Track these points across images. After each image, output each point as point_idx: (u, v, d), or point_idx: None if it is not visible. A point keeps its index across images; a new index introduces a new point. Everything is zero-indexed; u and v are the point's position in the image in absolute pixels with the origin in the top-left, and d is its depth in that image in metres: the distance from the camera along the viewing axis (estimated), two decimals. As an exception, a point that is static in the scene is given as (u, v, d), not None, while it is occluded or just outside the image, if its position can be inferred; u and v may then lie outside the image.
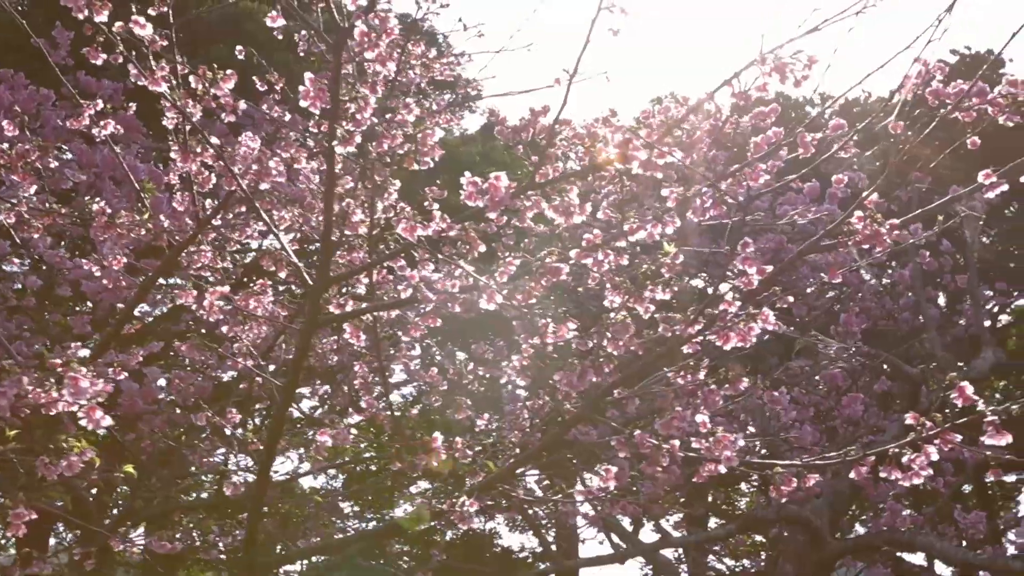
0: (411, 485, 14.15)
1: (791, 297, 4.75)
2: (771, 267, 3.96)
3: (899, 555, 9.98)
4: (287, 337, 6.23)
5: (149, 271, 6.02)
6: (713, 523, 14.51)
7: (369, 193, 4.54)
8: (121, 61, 4.19)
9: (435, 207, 5.06)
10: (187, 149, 4.41)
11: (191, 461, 5.95)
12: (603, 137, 3.76)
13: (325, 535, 7.67)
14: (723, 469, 3.96)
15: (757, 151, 5.44)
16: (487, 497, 5.06)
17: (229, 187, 4.68)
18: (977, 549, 8.92)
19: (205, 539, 6.04)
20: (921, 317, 10.41)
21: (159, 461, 7.14)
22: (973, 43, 14.82)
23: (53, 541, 11.78)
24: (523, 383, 9.14)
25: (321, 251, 4.25)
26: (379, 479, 10.31)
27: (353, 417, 6.84)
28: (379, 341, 4.71)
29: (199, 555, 5.86)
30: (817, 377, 9.64)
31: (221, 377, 7.44)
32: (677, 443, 3.95)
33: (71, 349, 5.50)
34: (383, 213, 5.08)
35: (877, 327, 10.75)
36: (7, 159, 4.73)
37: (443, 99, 6.45)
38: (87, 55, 4.33)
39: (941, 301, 12.54)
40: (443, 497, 5.19)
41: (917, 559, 10.70)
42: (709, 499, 14.41)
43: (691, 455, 3.99)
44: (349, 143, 3.98)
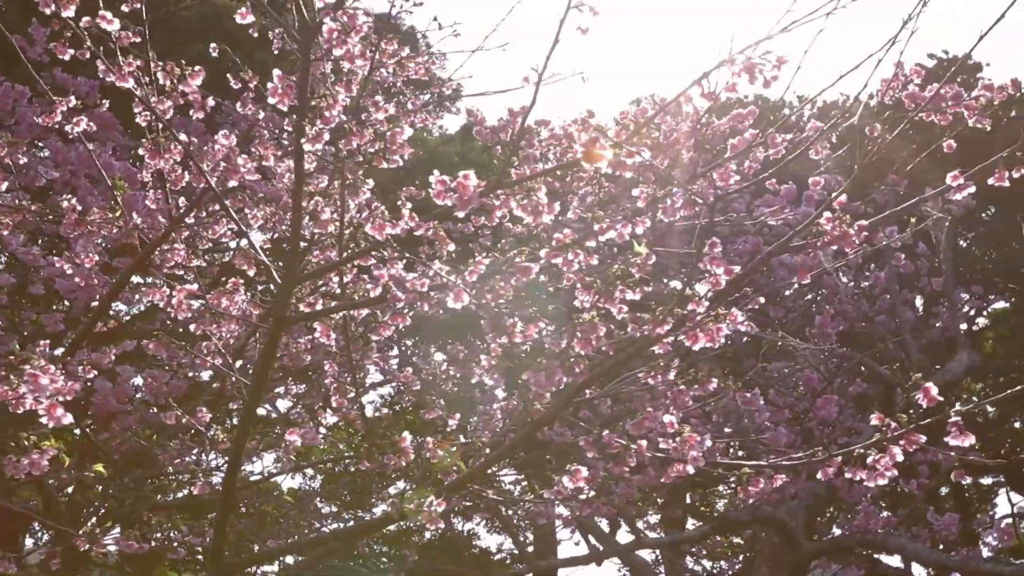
0: (390, 485, 14.13)
1: (762, 298, 4.77)
2: (739, 268, 3.96)
3: (876, 556, 10.02)
4: (260, 336, 6.20)
5: (123, 269, 5.98)
6: (691, 524, 14.51)
7: (340, 191, 4.52)
8: (89, 57, 4.15)
9: (407, 206, 5.06)
10: (156, 146, 4.38)
11: (162, 461, 5.91)
12: (575, 137, 3.76)
13: (300, 535, 7.65)
14: (691, 469, 3.96)
15: (732, 152, 5.45)
16: (458, 497, 5.05)
17: (196, 184, 4.64)
18: (952, 551, 8.96)
19: (170, 539, 6.00)
20: (897, 320, 10.46)
21: (132, 461, 7.09)
22: (952, 47, 14.87)
23: (30, 542, 11.70)
24: (502, 384, 9.14)
25: (289, 249, 4.23)
26: (354, 479, 10.29)
27: (329, 417, 6.81)
28: (350, 340, 4.69)
29: (167, 555, 5.81)
30: (794, 378, 9.67)
31: (199, 376, 7.41)
32: (644, 443, 3.95)
33: (39, 347, 5.48)
34: (356, 212, 5.07)
35: (854, 329, 10.79)
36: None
37: (418, 99, 6.42)
38: (55, 50, 4.29)
39: (920, 304, 12.60)
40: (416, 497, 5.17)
41: (894, 561, 10.75)
42: (687, 500, 14.44)
43: (660, 456, 3.99)
44: (317, 141, 3.96)
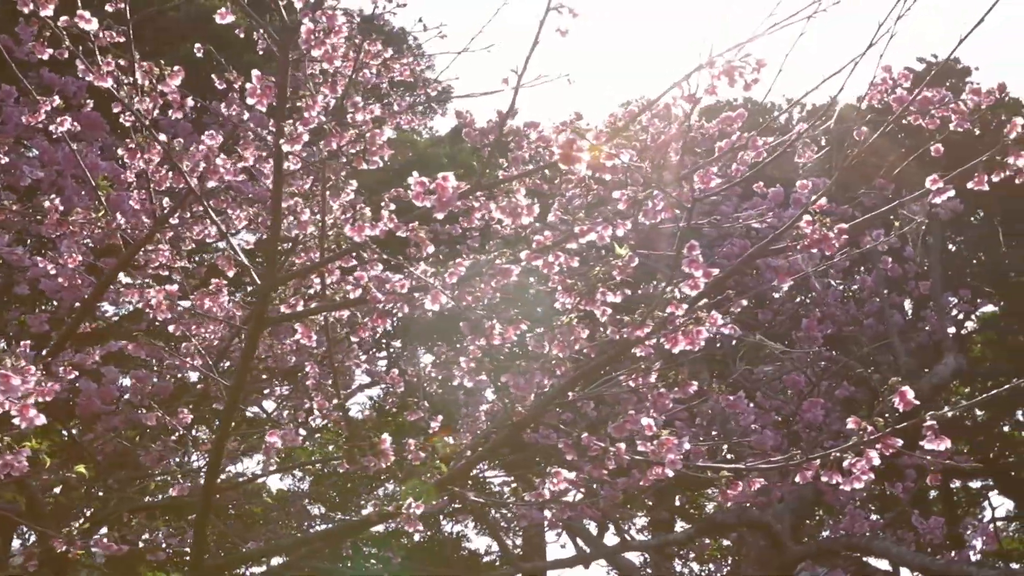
0: (379, 487, 14.12)
1: (745, 301, 4.76)
2: (718, 271, 3.96)
3: (864, 559, 10.03)
4: (244, 337, 6.18)
5: (108, 270, 5.96)
6: (680, 527, 14.51)
7: (322, 193, 4.51)
8: (68, 56, 4.14)
9: (391, 207, 5.05)
10: (136, 146, 4.36)
11: (144, 462, 5.88)
12: (553, 139, 3.75)
13: (287, 536, 7.62)
14: (670, 472, 3.95)
15: (719, 155, 5.45)
16: (440, 500, 5.04)
17: (176, 185, 4.63)
18: (938, 554, 8.97)
19: (157, 540, 5.98)
20: (884, 323, 10.48)
21: (116, 462, 7.07)
22: (943, 51, 14.91)
23: (18, 543, 11.65)
24: (491, 386, 9.12)
25: (269, 250, 4.22)
26: (343, 481, 10.27)
27: (318, 419, 6.80)
28: (331, 342, 4.68)
29: (147, 557, 5.80)
30: (780, 381, 9.66)
31: (187, 377, 7.38)
32: (623, 446, 3.94)
33: (20, 348, 5.45)
34: (340, 213, 5.06)
35: (842, 333, 10.81)
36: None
37: (404, 100, 6.41)
38: (35, 50, 4.28)
39: (909, 308, 12.62)
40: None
41: (882, 564, 10.76)
42: (676, 503, 14.43)
43: (639, 458, 3.98)
44: (297, 141, 3.95)
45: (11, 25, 9.10)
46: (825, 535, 12.12)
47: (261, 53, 5.16)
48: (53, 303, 9.08)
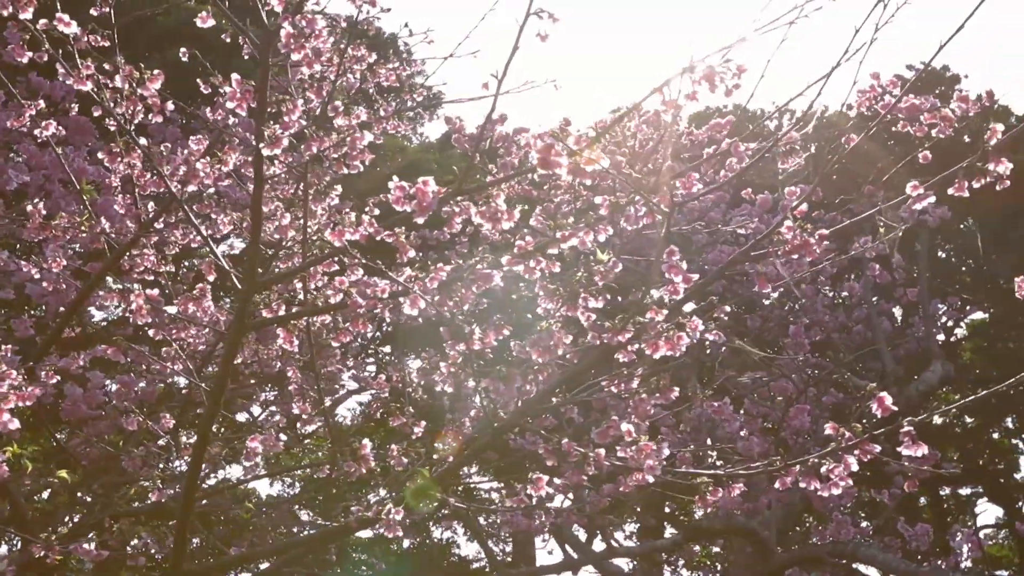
0: (370, 493, 14.09)
1: (728, 307, 4.75)
2: (697, 276, 3.95)
3: (853, 566, 10.03)
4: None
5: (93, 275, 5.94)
6: (669, 534, 14.50)
7: (304, 197, 4.51)
8: (47, 60, 4.14)
9: (375, 212, 5.04)
10: (117, 150, 4.35)
11: (128, 467, 5.86)
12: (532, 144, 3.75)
13: (275, 542, 7.59)
14: (650, 478, 3.94)
15: (707, 161, 5.46)
16: (424, 503, 5.02)
17: (158, 189, 4.62)
18: (925, 561, 8.98)
19: (146, 545, 5.95)
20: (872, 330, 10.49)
21: (101, 467, 7.04)
22: (929, 59, 14.93)
23: (4, 549, 11.60)
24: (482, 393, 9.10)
25: (249, 255, 4.20)
26: (331, 486, 10.24)
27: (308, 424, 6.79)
28: (312, 347, 4.66)
29: (128, 562, 5.77)
30: (769, 386, 9.67)
31: (175, 382, 7.36)
32: (603, 452, 3.93)
33: (3, 352, 5.43)
34: (326, 218, 5.05)
35: (830, 339, 10.81)
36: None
37: (390, 106, 6.41)
38: (14, 52, 4.27)
39: (899, 315, 12.64)
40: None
41: (872, 572, 10.76)
42: (666, 510, 14.41)
43: (619, 464, 3.97)
44: (276, 145, 3.94)
45: (-1, 29, 9.10)
46: (813, 542, 12.14)
47: (247, 58, 5.16)
48: (41, 308, 9.06)
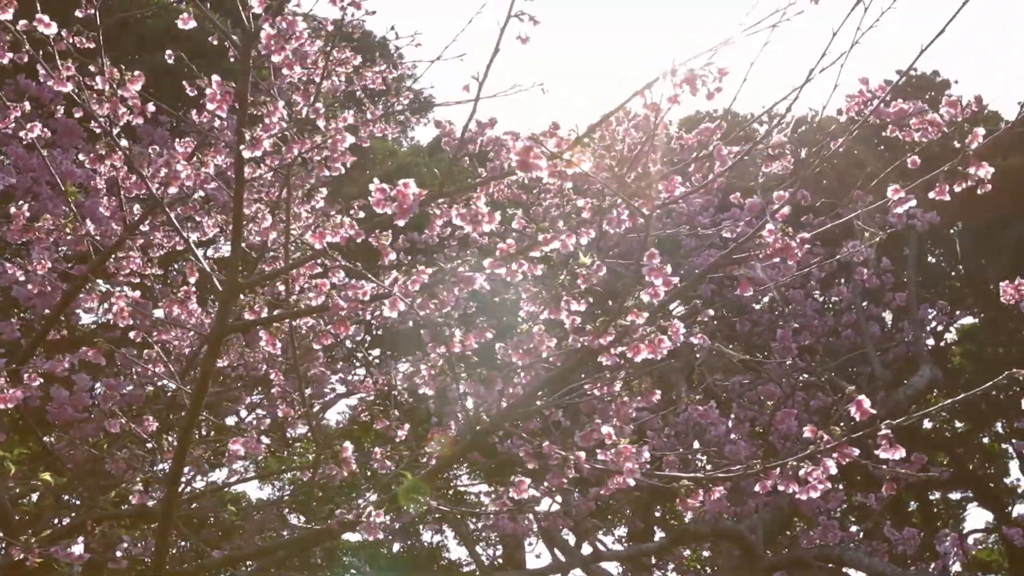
0: (359, 496, 14.06)
1: (711, 311, 4.76)
2: (677, 279, 3.95)
3: (844, 571, 10.04)
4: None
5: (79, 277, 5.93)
6: (659, 537, 14.49)
7: (286, 199, 4.50)
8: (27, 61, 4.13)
9: (360, 215, 5.03)
10: (95, 151, 4.34)
11: (111, 470, 5.84)
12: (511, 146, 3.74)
13: (251, 545, 7.56)
14: (631, 482, 3.94)
15: (686, 164, 5.46)
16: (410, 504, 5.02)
17: (141, 191, 4.61)
18: (913, 565, 8.98)
19: (108, 548, 5.93)
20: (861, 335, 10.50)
21: (88, 470, 7.02)
22: (921, 64, 14.98)
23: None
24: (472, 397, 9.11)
25: (230, 257, 4.20)
26: (318, 489, 10.21)
27: (300, 428, 6.78)
28: (295, 350, 4.65)
29: (108, 565, 5.75)
30: (757, 390, 9.67)
31: (166, 385, 7.34)
32: (583, 455, 3.93)
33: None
34: (313, 221, 5.04)
35: (819, 343, 10.83)
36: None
37: (378, 109, 6.41)
38: (-4, 54, 4.26)
39: (889, 319, 12.66)
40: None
41: (860, 575, 10.76)
42: (656, 514, 14.41)
43: (599, 467, 3.97)
44: (257, 147, 3.93)
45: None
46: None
47: (233, 60, 5.15)
48: (29, 311, 9.03)
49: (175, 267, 10.98)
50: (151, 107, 4.27)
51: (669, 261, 4.20)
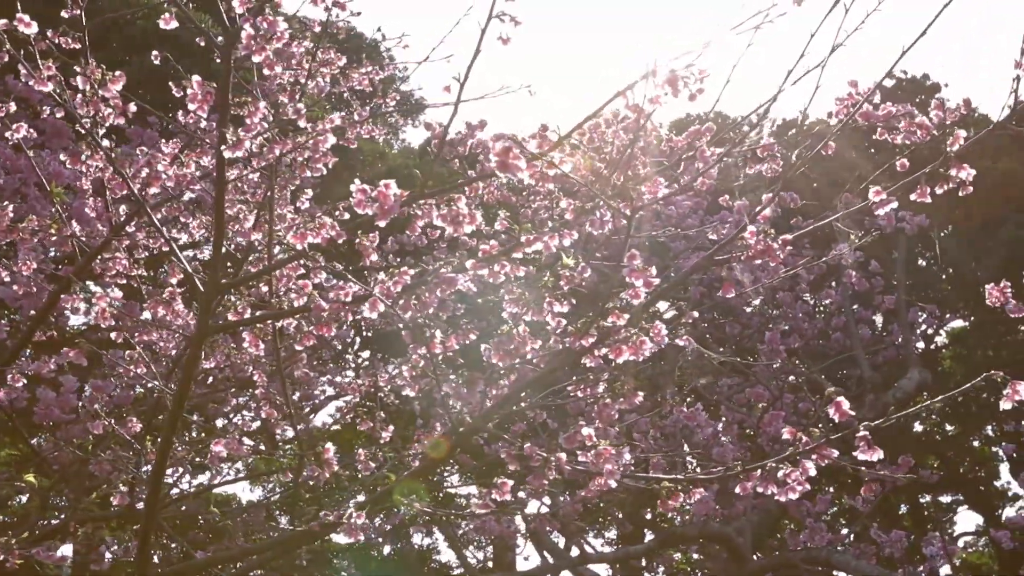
0: (350, 497, 14.03)
1: (695, 313, 4.76)
2: (658, 280, 3.95)
3: (834, 574, 10.03)
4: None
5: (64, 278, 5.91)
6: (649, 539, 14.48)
7: (268, 200, 4.49)
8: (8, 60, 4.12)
9: (345, 216, 5.02)
10: (76, 152, 4.34)
11: (95, 471, 5.83)
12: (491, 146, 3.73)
13: (234, 547, 7.53)
14: (612, 483, 3.93)
15: (670, 166, 5.46)
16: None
17: (123, 191, 4.60)
18: (901, 568, 8.99)
19: (92, 550, 5.91)
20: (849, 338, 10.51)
21: (74, 471, 7.00)
22: (911, 67, 15.01)
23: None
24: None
25: (211, 257, 4.19)
26: (307, 490, 10.19)
27: (288, 430, 6.76)
28: (277, 351, 4.65)
29: (91, 566, 5.74)
30: (745, 393, 9.67)
31: (156, 387, 7.30)
32: (564, 456, 3.92)
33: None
34: (299, 222, 5.03)
35: (809, 346, 10.84)
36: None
37: (365, 110, 6.40)
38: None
39: (880, 322, 12.68)
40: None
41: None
42: (648, 516, 14.41)
43: (580, 469, 3.96)
44: (238, 148, 3.92)
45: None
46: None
47: (219, 60, 5.14)
48: (17, 312, 9.01)
49: (164, 268, 10.96)
50: (133, 107, 4.25)
51: (658, 264, 4.21)
